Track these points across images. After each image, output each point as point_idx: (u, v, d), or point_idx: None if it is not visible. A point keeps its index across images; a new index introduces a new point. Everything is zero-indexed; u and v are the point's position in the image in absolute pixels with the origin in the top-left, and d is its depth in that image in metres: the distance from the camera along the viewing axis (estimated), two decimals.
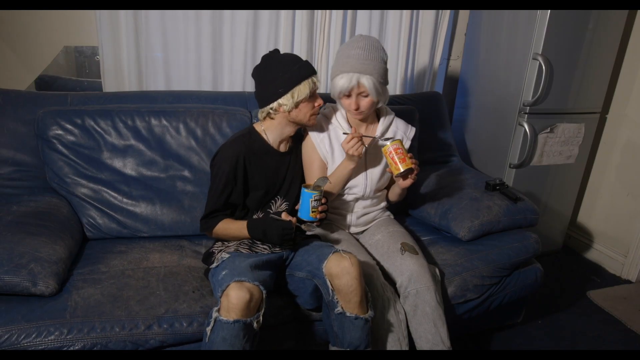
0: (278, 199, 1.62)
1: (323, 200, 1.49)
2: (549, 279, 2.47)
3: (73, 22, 2.05)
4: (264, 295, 1.29)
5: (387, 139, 1.60)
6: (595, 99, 2.48)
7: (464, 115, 2.74)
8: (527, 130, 2.32)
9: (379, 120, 1.75)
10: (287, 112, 1.52)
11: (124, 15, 1.98)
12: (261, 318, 1.28)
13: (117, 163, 1.80)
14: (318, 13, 2.25)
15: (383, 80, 1.59)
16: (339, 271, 1.37)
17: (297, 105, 1.50)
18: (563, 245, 2.86)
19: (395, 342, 1.50)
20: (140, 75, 2.12)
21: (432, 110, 2.34)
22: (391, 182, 1.81)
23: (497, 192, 1.97)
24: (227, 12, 2.12)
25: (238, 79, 2.25)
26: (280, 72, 1.48)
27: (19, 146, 1.78)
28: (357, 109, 1.60)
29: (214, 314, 1.25)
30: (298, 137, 1.69)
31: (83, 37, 2.10)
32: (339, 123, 1.69)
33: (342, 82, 1.56)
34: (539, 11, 2.18)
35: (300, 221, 1.50)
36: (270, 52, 1.55)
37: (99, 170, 1.78)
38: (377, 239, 1.73)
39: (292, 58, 1.52)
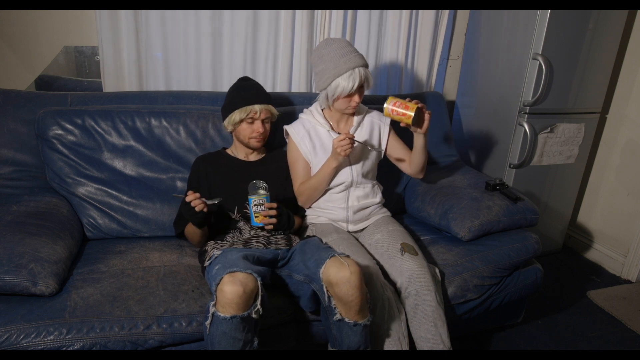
0: None
1: (267, 205, 1.54)
2: (549, 279, 2.48)
3: (73, 22, 2.05)
4: (259, 283, 1.27)
5: (372, 146, 1.76)
6: (595, 99, 2.48)
7: (464, 115, 2.74)
8: (527, 130, 2.32)
9: (353, 114, 1.82)
10: (232, 132, 1.73)
11: (124, 15, 1.98)
12: (259, 307, 1.26)
13: (118, 163, 1.81)
14: (318, 13, 2.25)
15: None
16: (338, 280, 1.33)
17: (234, 127, 1.69)
18: (563, 245, 2.86)
19: (395, 342, 1.49)
20: (140, 75, 2.12)
21: (432, 110, 2.32)
22: (385, 161, 1.89)
23: (497, 192, 1.97)
24: (227, 12, 2.12)
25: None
26: (229, 96, 1.72)
27: (19, 146, 1.78)
28: (358, 102, 1.71)
29: (211, 309, 1.24)
30: (272, 147, 1.83)
31: (83, 37, 2.09)
32: (317, 120, 1.78)
33: (353, 77, 1.63)
34: (539, 11, 2.18)
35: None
36: (241, 77, 1.77)
37: (99, 171, 1.79)
38: (376, 238, 1.73)
39: (246, 86, 1.71)
